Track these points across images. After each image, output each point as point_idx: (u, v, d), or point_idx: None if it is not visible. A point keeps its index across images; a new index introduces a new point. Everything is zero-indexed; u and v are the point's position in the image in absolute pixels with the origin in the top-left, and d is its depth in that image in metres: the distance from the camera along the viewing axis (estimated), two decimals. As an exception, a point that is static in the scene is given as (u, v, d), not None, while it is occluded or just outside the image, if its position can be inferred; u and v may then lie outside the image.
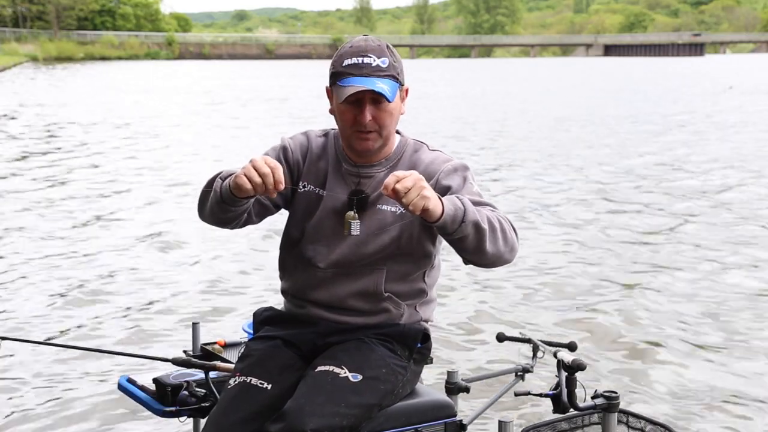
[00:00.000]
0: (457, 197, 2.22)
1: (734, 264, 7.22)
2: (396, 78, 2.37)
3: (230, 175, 2.31)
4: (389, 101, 2.34)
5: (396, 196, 2.10)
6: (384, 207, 2.42)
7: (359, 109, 2.34)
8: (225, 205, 2.32)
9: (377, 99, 2.34)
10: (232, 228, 2.47)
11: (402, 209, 2.35)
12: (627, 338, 5.36)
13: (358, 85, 2.30)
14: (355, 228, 2.35)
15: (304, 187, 2.49)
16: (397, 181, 2.10)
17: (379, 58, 2.34)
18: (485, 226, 2.19)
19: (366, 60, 2.33)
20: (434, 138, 16.78)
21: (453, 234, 2.18)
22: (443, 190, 2.34)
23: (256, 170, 2.18)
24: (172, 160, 14.35)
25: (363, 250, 2.40)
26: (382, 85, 2.31)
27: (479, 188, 2.39)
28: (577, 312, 5.91)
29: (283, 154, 2.50)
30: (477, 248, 2.22)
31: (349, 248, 2.40)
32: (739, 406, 4.36)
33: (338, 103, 2.37)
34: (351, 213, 2.37)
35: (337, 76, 2.35)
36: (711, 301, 6.15)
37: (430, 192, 2.12)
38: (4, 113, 23.31)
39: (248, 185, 2.19)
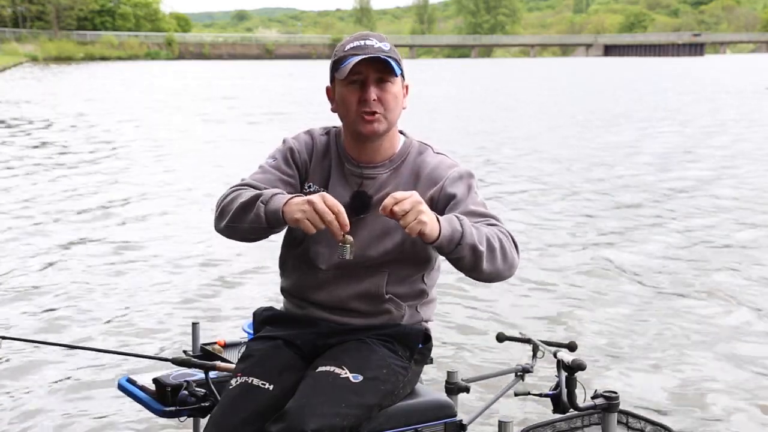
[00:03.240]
0: (457, 217, 2.22)
1: (741, 263, 7.23)
2: (398, 62, 2.37)
3: (273, 196, 2.26)
4: (396, 75, 2.34)
5: (394, 217, 2.13)
6: None
7: (363, 90, 2.34)
8: (270, 230, 2.30)
9: (382, 79, 2.34)
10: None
11: None
12: (627, 338, 5.36)
13: (362, 57, 2.30)
14: (347, 252, 2.22)
15: (309, 187, 2.47)
16: (396, 203, 2.11)
17: (380, 42, 2.36)
18: (482, 248, 2.21)
19: (368, 42, 2.35)
20: (433, 137, 16.77)
21: (449, 254, 2.21)
22: (448, 198, 2.35)
23: (319, 214, 2.15)
24: (170, 160, 14.36)
25: (366, 254, 2.39)
26: (386, 59, 2.32)
27: (483, 198, 2.40)
28: (577, 312, 5.91)
29: (290, 155, 2.48)
30: (474, 268, 2.24)
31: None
32: (739, 405, 4.36)
33: (341, 86, 2.36)
34: (347, 237, 2.22)
35: (339, 62, 2.35)
36: (712, 300, 6.15)
37: (427, 216, 2.13)
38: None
39: (312, 230, 2.18)
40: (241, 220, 2.32)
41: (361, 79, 2.34)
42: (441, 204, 2.38)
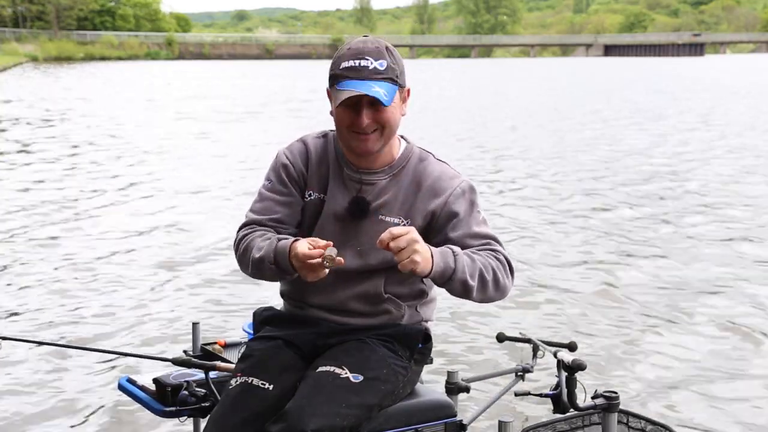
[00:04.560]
0: (453, 252, 2.26)
1: (737, 255, 7.23)
2: (395, 81, 2.33)
3: (276, 255, 2.28)
4: (384, 105, 2.31)
5: (389, 251, 2.17)
6: (387, 218, 2.40)
7: (356, 113, 2.31)
8: (289, 276, 2.34)
9: (375, 101, 2.31)
10: None
11: (405, 221, 2.39)
12: (628, 338, 5.36)
13: (353, 89, 2.27)
14: (329, 262, 2.20)
15: (309, 196, 2.46)
16: (392, 239, 2.14)
17: (376, 60, 2.31)
18: (473, 282, 2.27)
19: (363, 63, 2.30)
20: (432, 137, 16.80)
21: (440, 286, 2.30)
22: (450, 215, 2.37)
23: (307, 266, 2.21)
24: (167, 159, 14.37)
25: (366, 261, 2.40)
26: (378, 89, 2.27)
27: (484, 214, 2.44)
28: (577, 311, 5.91)
29: (284, 173, 2.46)
30: (463, 296, 2.33)
31: (352, 258, 2.37)
32: (740, 405, 4.36)
33: (336, 106, 2.34)
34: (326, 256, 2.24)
35: (334, 79, 2.33)
36: (713, 300, 6.15)
37: (421, 255, 2.17)
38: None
39: (320, 275, 2.22)
40: (265, 276, 2.39)
41: (355, 102, 2.31)
42: (442, 220, 2.39)
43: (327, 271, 2.22)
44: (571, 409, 2.64)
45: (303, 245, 2.21)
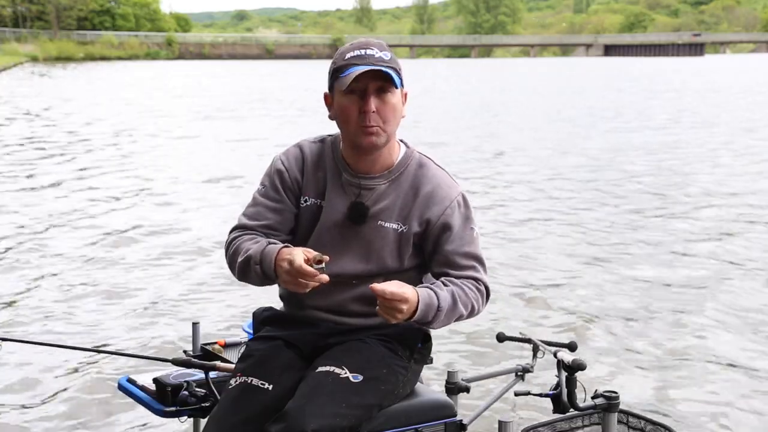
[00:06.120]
0: (438, 303, 2.27)
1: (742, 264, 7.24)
2: (398, 73, 2.35)
3: (262, 258, 2.31)
4: (396, 87, 2.33)
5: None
6: (386, 224, 2.40)
7: (363, 100, 2.32)
8: (271, 281, 2.37)
9: (382, 88, 2.32)
10: None
11: (403, 227, 2.40)
12: (627, 338, 5.36)
13: (363, 68, 2.28)
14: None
15: (305, 201, 2.46)
16: (383, 294, 2.16)
17: (381, 51, 2.34)
18: (449, 321, 2.33)
19: (369, 51, 2.32)
20: (431, 137, 16.80)
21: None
22: (444, 228, 2.39)
23: (295, 282, 2.23)
24: (162, 158, 14.38)
25: (365, 267, 2.40)
26: (387, 71, 2.30)
27: (477, 229, 2.46)
28: (578, 312, 5.91)
29: (279, 180, 2.46)
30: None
31: (351, 264, 2.39)
32: (741, 405, 4.36)
33: (341, 96, 2.34)
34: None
35: (338, 71, 2.33)
36: (713, 300, 6.15)
37: (397, 320, 2.21)
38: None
39: (305, 289, 2.24)
40: (251, 280, 2.40)
41: (362, 89, 2.31)
42: (436, 230, 2.40)
43: (311, 287, 2.22)
44: (571, 409, 2.64)
45: (299, 257, 2.20)
